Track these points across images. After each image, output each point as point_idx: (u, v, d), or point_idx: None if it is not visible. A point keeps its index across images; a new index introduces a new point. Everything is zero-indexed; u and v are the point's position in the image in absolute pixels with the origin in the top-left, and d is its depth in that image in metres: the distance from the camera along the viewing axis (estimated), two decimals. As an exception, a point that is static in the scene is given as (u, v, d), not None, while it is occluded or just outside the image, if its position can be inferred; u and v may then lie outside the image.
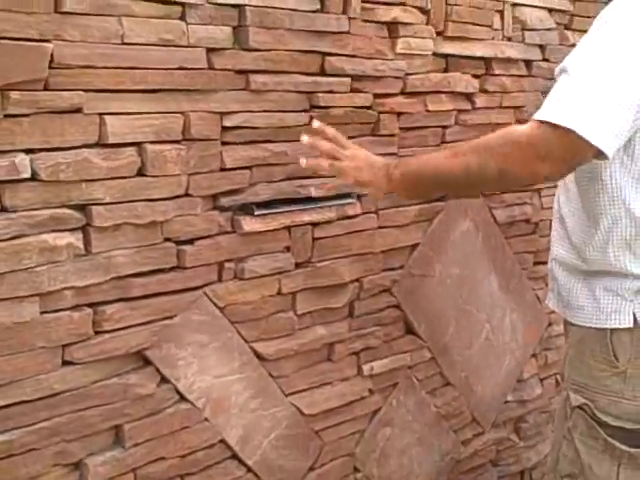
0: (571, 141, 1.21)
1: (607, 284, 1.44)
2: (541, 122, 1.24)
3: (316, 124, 1.56)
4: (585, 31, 2.36)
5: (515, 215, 2.28)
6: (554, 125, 1.21)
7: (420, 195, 1.61)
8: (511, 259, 2.29)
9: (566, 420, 1.51)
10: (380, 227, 1.90)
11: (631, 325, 1.41)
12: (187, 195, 1.51)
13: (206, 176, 1.54)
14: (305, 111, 1.69)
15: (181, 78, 1.47)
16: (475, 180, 1.33)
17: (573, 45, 2.32)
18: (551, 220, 2.36)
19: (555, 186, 2.36)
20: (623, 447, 1.42)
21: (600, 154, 1.23)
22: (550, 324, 2.48)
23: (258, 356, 1.69)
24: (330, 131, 1.55)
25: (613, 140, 1.22)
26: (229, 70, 1.54)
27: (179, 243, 1.52)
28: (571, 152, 1.23)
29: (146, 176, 1.44)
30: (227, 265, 1.60)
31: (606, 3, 1.36)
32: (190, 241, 1.53)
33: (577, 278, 1.50)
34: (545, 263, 2.40)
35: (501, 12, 2.11)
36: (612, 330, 1.42)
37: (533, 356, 2.45)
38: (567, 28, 2.35)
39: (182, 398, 1.57)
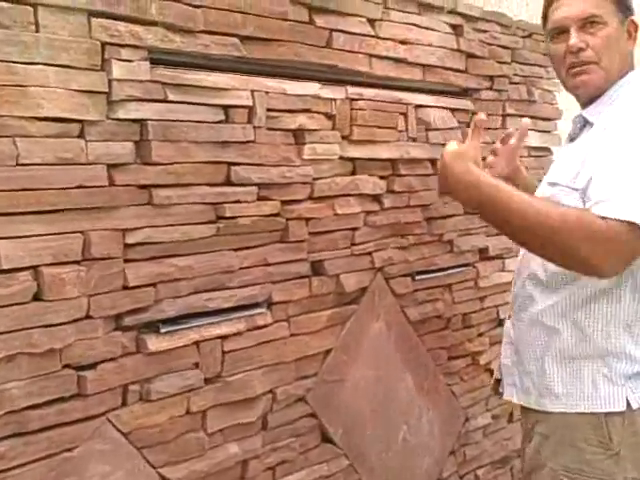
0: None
1: (600, 368, 1.49)
2: (621, 221, 1.32)
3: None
4: (487, 129, 2.45)
5: (427, 312, 2.28)
6: (632, 223, 1.31)
7: (482, 213, 1.58)
8: (425, 357, 2.27)
9: None
10: (292, 335, 1.85)
11: (624, 409, 1.47)
12: (88, 317, 1.44)
13: (108, 296, 1.47)
14: (211, 222, 1.65)
15: (80, 197, 1.42)
16: (543, 240, 1.39)
17: (475, 143, 2.40)
18: (464, 314, 2.41)
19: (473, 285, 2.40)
20: None
21: None
22: (467, 419, 2.46)
23: (167, 481, 1.60)
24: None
25: None
26: (131, 186, 1.50)
27: (80, 369, 1.44)
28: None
29: (43, 301, 1.37)
30: (132, 388, 1.52)
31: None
32: (92, 365, 1.46)
33: (562, 365, 1.53)
34: (458, 357, 2.42)
35: (405, 114, 2.15)
36: (606, 414, 1.48)
37: (451, 453, 2.42)
38: (469, 126, 2.40)
39: (84, 535, 1.46)
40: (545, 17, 1.62)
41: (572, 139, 1.63)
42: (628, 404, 1.47)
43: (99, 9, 1.42)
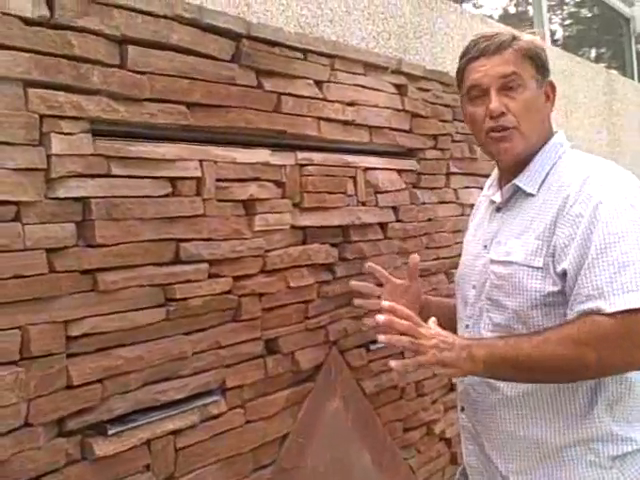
0: None
1: (585, 455, 1.39)
2: (627, 311, 1.26)
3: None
4: (432, 188, 2.38)
5: (382, 383, 2.16)
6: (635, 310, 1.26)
7: (504, 379, 1.45)
8: (382, 432, 2.15)
9: None
10: (248, 422, 1.71)
11: None
12: (27, 425, 1.27)
13: (49, 398, 1.30)
14: (160, 306, 1.50)
15: (17, 288, 1.25)
16: (569, 372, 1.33)
17: (423, 203, 2.33)
18: (418, 382, 2.30)
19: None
20: None
21: None
22: (425, 493, 2.35)
23: None
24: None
25: None
26: (73, 271, 1.35)
27: (18, 486, 1.26)
28: None
29: (-25, 411, 1.19)
30: (78, 501, 1.35)
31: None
32: (32, 480, 1.28)
33: (541, 457, 1.41)
34: (413, 429, 2.31)
35: (354, 178, 2.06)
36: None
37: (410, 530, 2.30)
38: (415, 187, 2.33)
39: None
40: (461, 75, 1.56)
41: (499, 208, 1.56)
42: None
43: (36, 78, 1.27)
